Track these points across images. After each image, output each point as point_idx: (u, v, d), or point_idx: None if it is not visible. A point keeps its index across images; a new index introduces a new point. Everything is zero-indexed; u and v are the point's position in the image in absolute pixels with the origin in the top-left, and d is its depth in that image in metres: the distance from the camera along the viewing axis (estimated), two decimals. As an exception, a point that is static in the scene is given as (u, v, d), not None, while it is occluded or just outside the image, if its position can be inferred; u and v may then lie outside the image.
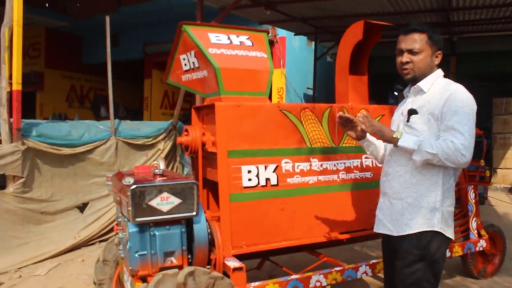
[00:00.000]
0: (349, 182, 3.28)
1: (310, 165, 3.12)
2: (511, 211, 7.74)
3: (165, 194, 2.41)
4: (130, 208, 2.34)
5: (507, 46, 10.41)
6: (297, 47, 11.10)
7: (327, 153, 3.20)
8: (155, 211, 2.40)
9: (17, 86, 4.71)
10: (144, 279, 2.52)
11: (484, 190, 8.29)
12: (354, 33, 3.47)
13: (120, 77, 5.52)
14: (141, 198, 2.36)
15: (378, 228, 2.51)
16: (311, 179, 3.12)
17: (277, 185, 2.98)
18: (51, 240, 5.02)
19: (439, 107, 2.21)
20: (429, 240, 2.24)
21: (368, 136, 2.54)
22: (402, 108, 2.48)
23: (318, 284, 2.94)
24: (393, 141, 2.23)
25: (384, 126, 2.31)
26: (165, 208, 2.42)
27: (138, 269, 2.48)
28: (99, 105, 14.57)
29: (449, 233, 2.29)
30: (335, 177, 3.22)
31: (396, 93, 13.31)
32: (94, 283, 3.21)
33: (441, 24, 8.76)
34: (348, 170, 3.28)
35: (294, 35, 10.35)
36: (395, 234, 2.34)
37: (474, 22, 8.59)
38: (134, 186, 2.35)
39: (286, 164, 3.02)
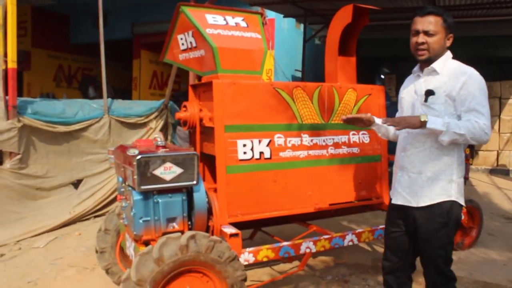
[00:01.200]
0: (337, 156, 3.48)
1: (301, 140, 3.31)
2: (490, 191, 8.07)
3: (168, 164, 2.59)
4: (135, 177, 2.52)
5: (490, 31, 10.62)
6: (286, 29, 11.19)
7: (317, 129, 3.39)
8: (158, 179, 2.59)
9: (12, 64, 4.78)
10: (147, 244, 2.71)
11: (465, 170, 8.59)
12: (343, 16, 3.65)
13: (108, 57, 5.62)
14: (146, 167, 2.53)
15: (396, 200, 2.64)
16: (302, 153, 3.31)
17: (270, 158, 3.17)
18: (47, 215, 5.16)
19: (456, 89, 2.36)
20: (449, 208, 2.44)
21: (376, 120, 2.68)
22: (414, 87, 2.58)
23: (308, 250, 3.16)
24: (422, 125, 2.32)
25: (406, 118, 2.39)
26: (168, 177, 2.60)
27: (142, 234, 2.67)
28: (87, 85, 14.52)
29: (462, 201, 2.50)
30: (324, 152, 3.42)
31: (382, 76, 13.55)
32: (96, 251, 3.38)
33: (427, 9, 8.92)
34: (336, 145, 3.48)
35: (283, 17, 10.44)
36: (414, 205, 2.52)
37: (459, 7, 8.76)
38: (139, 156, 2.52)
39: (279, 139, 3.21)
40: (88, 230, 5.12)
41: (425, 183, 2.47)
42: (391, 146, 3.12)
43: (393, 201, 2.68)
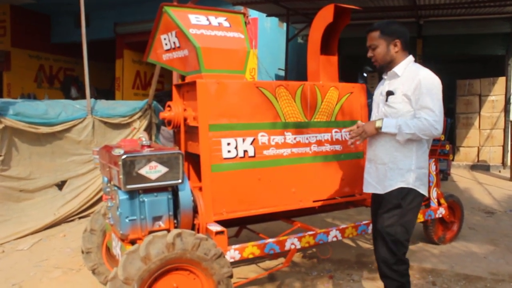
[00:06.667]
0: (320, 154, 3.54)
1: (284, 138, 3.36)
2: (472, 186, 8.23)
3: (153, 163, 2.61)
4: (121, 177, 2.53)
5: (470, 30, 10.80)
6: (269, 28, 11.25)
7: (300, 127, 3.44)
8: (144, 179, 2.62)
9: (-7, 65, 4.74)
10: (133, 243, 2.72)
11: (447, 166, 8.75)
12: (324, 16, 3.70)
13: (91, 57, 5.59)
14: (131, 167, 2.55)
15: (367, 189, 2.95)
16: (285, 151, 3.36)
17: (254, 156, 3.21)
18: (31, 217, 5.12)
19: (411, 90, 2.62)
20: (406, 193, 2.70)
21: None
22: (381, 89, 2.88)
23: (292, 246, 3.21)
24: (377, 131, 2.67)
25: (365, 128, 2.71)
26: (153, 176, 2.63)
27: (128, 233, 2.69)
28: (69, 86, 14.41)
29: (423, 190, 2.75)
30: (307, 149, 3.47)
31: (365, 74, 13.68)
32: (82, 252, 3.39)
33: (408, 8, 9.07)
34: (319, 143, 3.54)
35: (266, 16, 10.49)
36: (381, 192, 2.78)
37: (439, 6, 8.92)
38: (125, 156, 2.54)
39: (262, 137, 3.26)
40: (73, 231, 5.10)
41: (388, 172, 2.75)
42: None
43: (364, 190, 2.98)
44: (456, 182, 8.70)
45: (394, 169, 2.72)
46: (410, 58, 2.77)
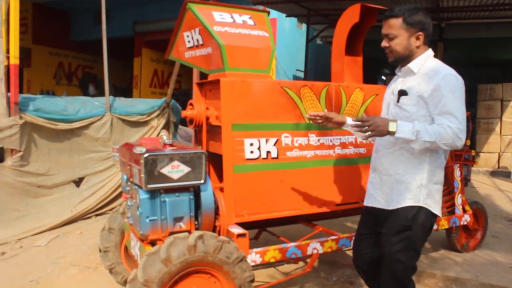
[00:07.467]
0: (344, 157, 3.45)
1: (308, 140, 3.28)
2: (492, 193, 8.04)
3: (175, 163, 2.55)
4: (142, 175, 2.48)
5: (493, 33, 10.60)
6: (288, 29, 11.17)
7: (324, 129, 3.34)
8: (166, 178, 2.56)
9: (14, 60, 4.74)
10: (153, 244, 2.67)
11: (467, 172, 8.56)
12: (351, 16, 3.61)
13: (109, 55, 5.60)
14: (153, 166, 2.50)
15: (369, 202, 2.59)
16: (309, 153, 3.28)
17: (277, 158, 3.13)
18: (49, 213, 5.12)
19: (429, 91, 2.25)
20: (415, 213, 2.35)
21: (349, 120, 2.59)
22: (393, 87, 2.52)
23: (315, 251, 3.12)
24: (390, 134, 2.24)
25: (377, 124, 2.24)
26: (175, 175, 2.57)
27: (148, 233, 2.63)
28: (87, 83, 14.51)
29: (436, 209, 2.40)
30: (331, 152, 3.38)
31: (384, 77, 13.51)
32: (100, 251, 3.34)
33: (430, 10, 8.90)
34: (343, 145, 3.45)
35: (286, 16, 10.41)
36: (385, 207, 2.46)
37: (462, 9, 8.76)
38: (147, 155, 2.49)
39: (286, 138, 3.18)
40: (89, 229, 5.07)
41: (394, 185, 2.41)
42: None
43: (366, 203, 2.62)
44: (476, 188, 8.51)
45: (402, 182, 2.37)
46: (429, 52, 2.39)
